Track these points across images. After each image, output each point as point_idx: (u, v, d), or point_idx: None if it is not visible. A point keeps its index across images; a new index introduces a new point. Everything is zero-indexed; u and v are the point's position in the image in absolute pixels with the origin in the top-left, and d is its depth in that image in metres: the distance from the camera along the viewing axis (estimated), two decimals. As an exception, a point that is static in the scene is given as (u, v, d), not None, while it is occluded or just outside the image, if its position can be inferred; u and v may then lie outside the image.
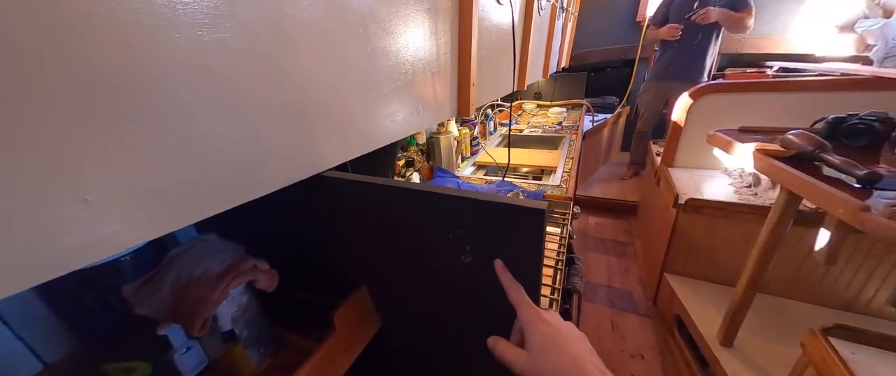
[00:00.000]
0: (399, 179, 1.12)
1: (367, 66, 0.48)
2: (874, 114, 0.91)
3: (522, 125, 2.14)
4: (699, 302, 1.36)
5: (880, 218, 0.60)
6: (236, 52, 0.29)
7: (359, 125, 0.49)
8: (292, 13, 0.34)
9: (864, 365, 0.66)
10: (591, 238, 2.30)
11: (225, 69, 0.28)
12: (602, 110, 3.09)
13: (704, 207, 1.36)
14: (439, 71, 0.70)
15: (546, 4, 1.69)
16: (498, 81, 1.20)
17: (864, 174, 0.71)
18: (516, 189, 1.12)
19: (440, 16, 0.65)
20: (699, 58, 2.18)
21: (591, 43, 3.24)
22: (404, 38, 0.56)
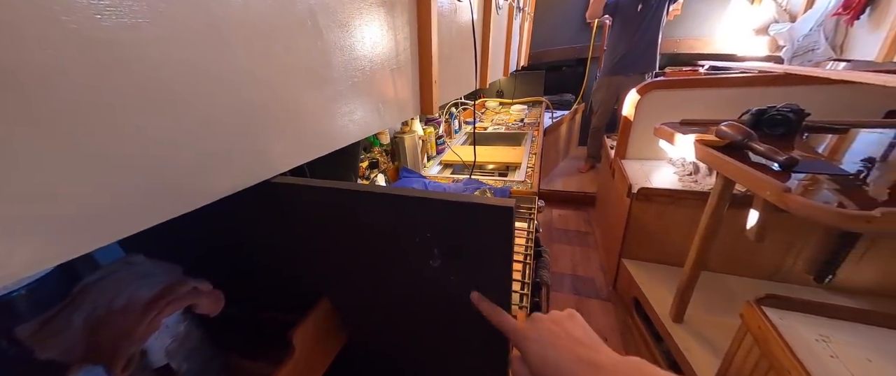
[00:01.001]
0: (363, 182, 1.07)
1: (319, 62, 0.45)
2: (788, 107, 1.04)
3: (486, 123, 2.17)
4: (653, 283, 1.47)
5: (799, 197, 0.68)
6: (153, 41, 0.24)
7: (313, 126, 0.46)
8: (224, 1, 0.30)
9: (790, 328, 0.75)
10: (556, 230, 2.40)
11: (140, 62, 0.24)
12: (560, 107, 3.23)
13: (654, 195, 1.47)
14: (399, 68, 0.68)
15: (503, 3, 1.72)
16: (460, 79, 1.20)
17: (784, 159, 0.81)
18: (483, 186, 1.12)
19: (397, 10, 0.63)
20: (650, 50, 2.35)
21: (546, 42, 3.37)
22: (359, 33, 0.53)
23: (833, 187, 0.74)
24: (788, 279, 1.35)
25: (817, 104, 1.30)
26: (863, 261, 1.20)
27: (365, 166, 1.09)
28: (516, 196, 1.07)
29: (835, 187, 0.74)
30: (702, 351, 1.14)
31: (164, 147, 0.26)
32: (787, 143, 1.04)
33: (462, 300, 0.38)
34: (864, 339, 0.72)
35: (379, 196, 0.34)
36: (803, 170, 0.79)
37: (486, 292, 0.37)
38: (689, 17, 2.90)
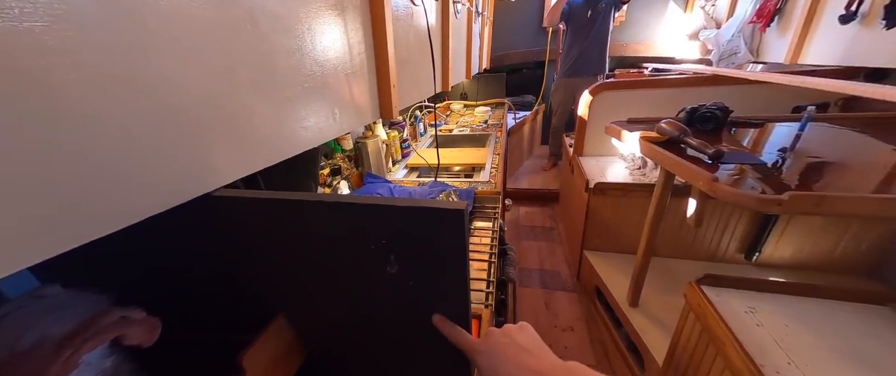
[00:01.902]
0: (325, 190, 1.04)
1: (263, 66, 0.43)
2: (716, 105, 1.16)
3: (451, 125, 2.19)
4: (612, 271, 1.57)
5: (725, 186, 0.77)
6: (50, 46, 0.22)
7: (259, 134, 0.44)
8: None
9: (725, 303, 0.84)
10: (523, 227, 2.48)
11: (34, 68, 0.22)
12: (522, 108, 3.36)
13: (609, 189, 1.57)
14: (354, 72, 0.67)
15: (462, 8, 1.76)
16: (421, 83, 1.21)
17: (713, 152, 0.90)
18: (448, 188, 1.13)
19: (348, 14, 0.62)
20: (600, 53, 2.52)
21: (507, 46, 3.48)
22: (308, 36, 0.52)
23: (754, 175, 0.84)
24: (725, 259, 1.50)
25: (740, 101, 1.46)
26: (782, 240, 1.36)
27: (326, 173, 1.06)
28: (481, 196, 1.09)
29: (756, 175, 0.84)
30: (656, 330, 1.23)
31: (70, 162, 0.24)
32: (717, 137, 1.17)
33: (422, 306, 0.39)
34: (783, 308, 0.83)
35: (328, 205, 0.34)
36: (729, 161, 0.89)
37: (444, 295, 0.37)
38: (633, 24, 3.14)
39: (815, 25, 1.56)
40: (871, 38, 1.30)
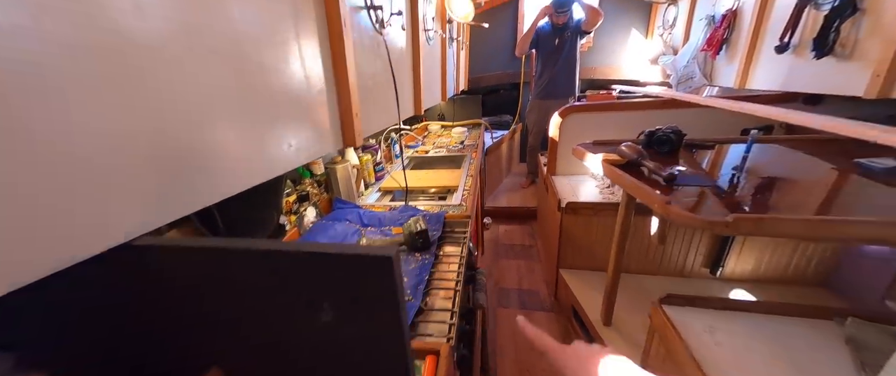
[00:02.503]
0: (290, 218, 1.02)
1: (210, 101, 0.43)
2: (671, 128, 1.23)
3: (428, 146, 2.21)
4: (586, 289, 1.58)
5: (677, 208, 0.80)
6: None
7: (207, 169, 0.43)
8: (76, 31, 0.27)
9: (685, 324, 0.85)
10: (502, 245, 2.49)
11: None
12: (499, 127, 3.44)
13: (580, 208, 1.60)
14: (313, 103, 0.67)
15: (434, 34, 1.82)
16: (391, 108, 1.22)
17: (666, 175, 0.94)
18: (418, 212, 1.13)
19: (305, 44, 0.63)
20: (569, 77, 2.64)
21: (484, 68, 3.61)
22: (259, 71, 0.52)
23: (707, 196, 0.88)
24: (692, 274, 1.55)
25: (696, 124, 1.56)
26: (742, 255, 1.42)
27: (293, 200, 1.04)
28: (451, 220, 1.09)
29: (707, 196, 0.88)
30: (629, 350, 1.24)
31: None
32: (674, 158, 1.23)
33: (357, 350, 0.38)
34: (740, 326, 0.85)
35: (256, 253, 0.33)
36: (681, 182, 0.94)
37: (379, 340, 0.36)
38: (601, 49, 3.34)
39: (757, 54, 1.71)
40: (804, 67, 1.43)
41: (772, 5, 1.61)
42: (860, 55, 1.20)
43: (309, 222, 1.05)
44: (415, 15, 1.37)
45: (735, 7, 1.84)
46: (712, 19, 2.02)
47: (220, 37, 0.45)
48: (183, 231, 0.72)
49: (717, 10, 1.99)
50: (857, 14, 1.21)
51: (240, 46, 0.48)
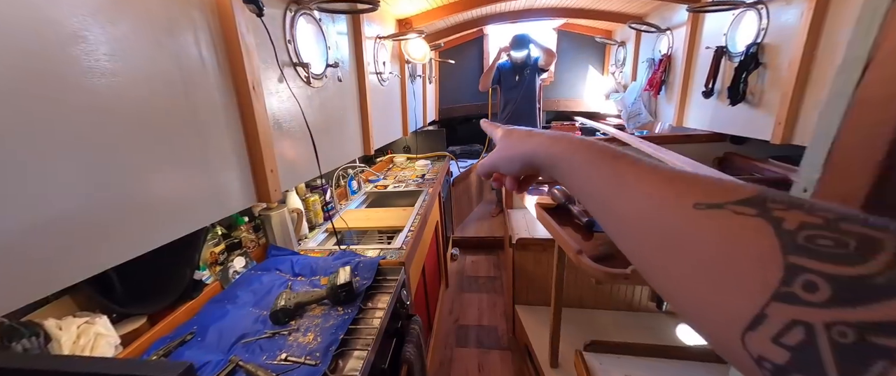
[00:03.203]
0: (214, 269, 0.99)
1: (98, 161, 0.43)
2: (601, 171, 1.29)
3: (389, 180, 2.23)
4: (538, 327, 1.57)
5: (584, 258, 0.83)
6: None
7: (91, 235, 0.42)
8: None
9: (605, 372, 0.86)
10: (467, 277, 2.47)
11: None
12: (470, 156, 3.52)
13: (530, 244, 1.63)
14: (214, 162, 0.67)
15: (390, 76, 1.89)
16: (334, 151, 1.24)
17: (585, 222, 0.98)
18: (354, 259, 1.12)
19: (198, 95, 0.64)
20: (530, 111, 2.76)
21: (455, 100, 3.76)
22: (127, 122, 0.51)
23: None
24: (640, 307, 1.57)
25: (634, 162, 1.64)
26: (681, 288, 1.46)
27: (219, 250, 1.01)
28: (385, 267, 1.09)
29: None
30: (573, 393, 1.23)
31: None
32: (607, 199, 1.28)
33: None
34: (656, 373, 0.87)
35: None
36: (598, 229, 0.98)
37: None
38: (563, 84, 3.54)
39: (689, 96, 1.85)
40: (726, 111, 1.55)
41: (697, 54, 1.76)
42: (765, 104, 1.32)
43: (235, 273, 1.03)
44: (360, 62, 1.43)
45: (669, 53, 2.00)
46: (652, 62, 2.18)
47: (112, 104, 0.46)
48: (76, 298, 0.69)
49: (655, 54, 2.16)
50: (759, 68, 1.33)
51: (116, 107, 0.49)
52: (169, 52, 0.56)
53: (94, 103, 0.44)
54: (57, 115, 0.40)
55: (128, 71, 0.49)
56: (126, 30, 0.49)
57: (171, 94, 0.56)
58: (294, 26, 0.92)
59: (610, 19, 2.55)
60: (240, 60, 0.68)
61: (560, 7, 2.55)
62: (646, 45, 2.41)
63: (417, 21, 2.02)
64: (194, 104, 0.62)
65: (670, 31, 1.99)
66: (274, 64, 0.83)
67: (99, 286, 0.70)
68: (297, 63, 0.93)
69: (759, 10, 1.33)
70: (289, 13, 0.91)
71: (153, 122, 0.54)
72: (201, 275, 0.91)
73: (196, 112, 0.62)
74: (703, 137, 1.80)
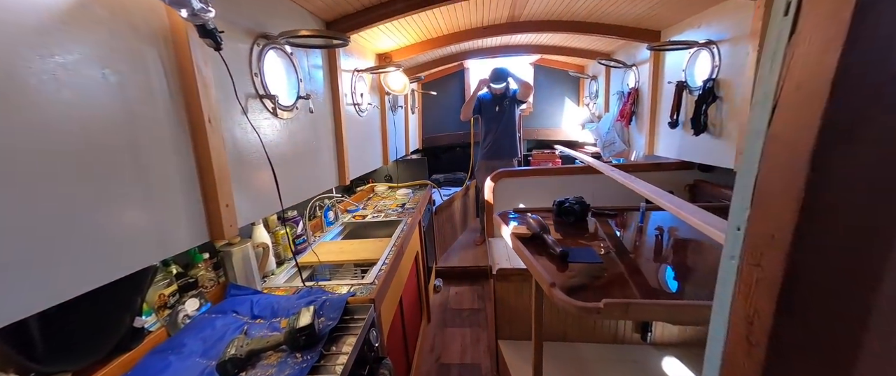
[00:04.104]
0: (164, 313, 0.91)
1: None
2: (576, 199, 1.30)
3: (369, 210, 2.18)
4: (523, 365, 1.49)
5: (557, 292, 0.80)
6: None
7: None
8: None
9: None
10: (451, 310, 2.37)
11: None
12: (453, 184, 3.52)
13: (511, 275, 1.59)
14: (159, 201, 0.63)
15: (368, 107, 1.91)
16: (302, 184, 1.21)
17: (560, 252, 0.97)
18: (321, 297, 1.05)
19: (149, 148, 0.61)
20: (510, 140, 2.82)
21: (439, 129, 3.84)
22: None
23: (591, 275, 0.90)
24: (625, 340, 1.52)
25: (608, 190, 1.67)
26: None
27: (169, 292, 0.93)
28: (354, 305, 1.02)
29: (593, 275, 0.90)
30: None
31: None
32: (582, 227, 1.28)
33: None
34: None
35: None
36: (573, 259, 0.96)
37: None
38: (542, 114, 3.68)
39: (657, 127, 1.93)
40: (691, 141, 1.62)
41: (661, 88, 1.87)
42: (726, 134, 1.38)
43: (186, 317, 0.94)
44: (336, 94, 1.44)
45: (636, 86, 2.12)
46: (622, 94, 2.30)
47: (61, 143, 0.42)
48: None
49: (624, 87, 2.28)
50: (717, 101, 1.41)
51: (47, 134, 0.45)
52: (112, 86, 0.53)
53: (14, 129, 0.41)
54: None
55: (57, 104, 0.46)
56: (64, 61, 0.47)
57: (108, 129, 0.53)
58: (261, 60, 0.92)
59: (581, 56, 2.71)
60: (195, 93, 0.66)
61: (534, 44, 2.71)
62: (615, 79, 2.55)
63: (397, 55, 2.09)
64: (136, 139, 0.59)
65: (635, 66, 2.12)
66: (234, 96, 0.82)
67: (12, 339, 0.62)
68: (263, 95, 0.93)
69: (711, 49, 1.44)
70: (256, 47, 0.91)
71: (85, 157, 0.50)
72: (143, 321, 0.82)
73: (138, 147, 0.59)
74: (673, 165, 1.86)
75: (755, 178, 0.23)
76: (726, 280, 0.26)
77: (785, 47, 0.21)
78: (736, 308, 0.25)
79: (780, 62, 0.21)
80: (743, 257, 0.25)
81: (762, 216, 0.23)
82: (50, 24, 0.46)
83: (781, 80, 0.21)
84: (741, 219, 0.25)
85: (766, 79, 0.22)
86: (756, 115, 0.23)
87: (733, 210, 0.26)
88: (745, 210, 0.24)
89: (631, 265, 0.98)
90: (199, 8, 0.58)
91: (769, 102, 0.22)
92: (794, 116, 0.20)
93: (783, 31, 0.21)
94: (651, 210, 1.30)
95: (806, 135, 0.19)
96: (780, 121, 0.21)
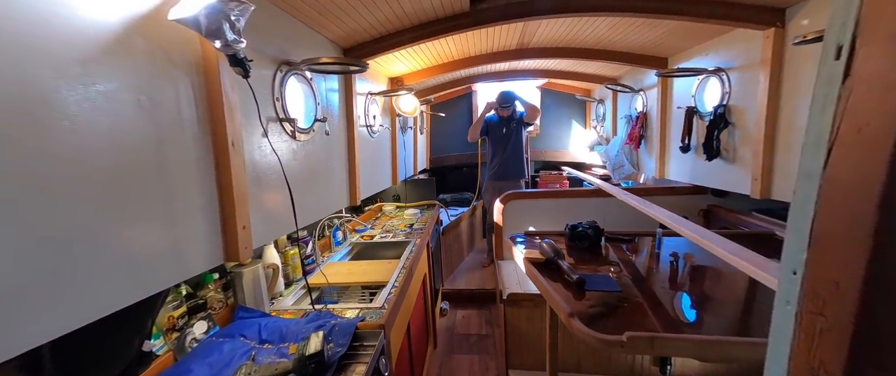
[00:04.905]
0: (173, 335, 0.89)
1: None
2: (589, 223, 1.28)
3: (377, 230, 2.18)
4: (534, 397, 1.42)
5: (577, 323, 0.77)
6: None
7: None
8: None
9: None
10: (457, 335, 2.30)
11: None
12: (460, 204, 3.51)
13: (522, 300, 1.54)
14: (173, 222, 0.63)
15: (379, 128, 1.95)
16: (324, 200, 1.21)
17: (576, 279, 0.94)
18: (330, 320, 1.03)
19: (182, 168, 0.62)
20: (517, 161, 2.83)
21: (447, 149, 3.89)
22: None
23: (611, 304, 0.87)
24: (643, 372, 1.45)
25: (621, 214, 1.65)
26: (684, 350, 1.37)
27: (178, 315, 0.92)
28: (363, 330, 1.00)
29: (612, 305, 0.87)
30: None
31: None
32: (596, 251, 1.25)
33: None
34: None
35: None
36: (590, 287, 0.93)
37: None
38: (549, 136, 3.72)
39: (667, 151, 1.93)
40: (704, 166, 1.61)
41: (670, 112, 1.88)
42: (740, 160, 1.37)
43: (194, 340, 0.92)
44: (350, 117, 1.47)
45: (644, 111, 2.14)
46: (630, 118, 2.32)
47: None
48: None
49: (631, 112, 2.30)
50: (729, 126, 1.41)
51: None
52: (144, 112, 0.55)
53: (54, 152, 0.42)
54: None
55: (95, 129, 0.48)
56: (105, 89, 0.49)
57: (140, 151, 0.54)
58: (283, 85, 0.95)
59: (587, 80, 2.76)
60: (221, 118, 0.68)
61: (540, 69, 2.77)
62: (622, 103, 2.58)
63: (408, 79, 2.15)
64: (165, 161, 0.60)
65: (643, 91, 2.15)
66: (257, 120, 0.84)
67: (24, 361, 0.61)
68: (283, 118, 0.95)
69: (721, 76, 1.45)
70: (280, 73, 0.94)
71: (115, 180, 0.51)
72: (152, 344, 0.81)
73: (166, 169, 0.60)
74: (686, 190, 1.83)
75: (812, 221, 0.23)
76: (783, 328, 0.25)
77: (839, 88, 0.21)
78: (796, 360, 0.24)
79: (833, 104, 0.21)
80: (801, 303, 0.23)
81: (822, 261, 0.22)
82: (91, 55, 0.48)
83: (837, 122, 0.21)
84: (797, 261, 0.24)
85: (817, 120, 0.22)
86: (808, 157, 0.23)
87: (787, 252, 0.25)
88: (803, 252, 0.24)
89: (649, 293, 0.94)
90: (233, 39, 0.61)
91: (823, 145, 0.22)
92: (855, 159, 0.20)
93: (835, 75, 0.21)
94: (666, 235, 1.27)
95: (872, 178, 0.19)
96: (839, 164, 0.21)
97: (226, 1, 0.57)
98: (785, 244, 0.26)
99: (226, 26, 0.58)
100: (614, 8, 1.25)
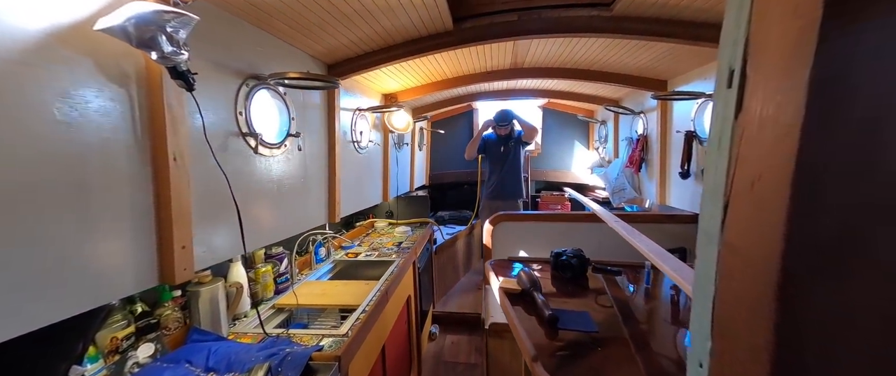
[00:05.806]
0: (112, 358, 0.84)
1: None
2: (573, 252, 1.19)
3: (364, 247, 2.12)
4: (514, 441, 1.30)
5: (539, 367, 0.69)
6: None
7: None
8: None
9: None
10: (445, 363, 2.17)
11: None
12: (458, 222, 3.43)
13: (505, 331, 1.44)
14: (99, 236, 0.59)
15: (368, 144, 1.93)
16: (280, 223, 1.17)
17: (548, 316, 0.85)
18: (284, 350, 0.96)
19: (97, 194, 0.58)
20: (515, 180, 2.77)
21: (447, 166, 3.85)
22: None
23: (582, 348, 0.78)
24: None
25: (613, 240, 1.54)
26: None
27: (122, 336, 0.87)
28: (318, 362, 0.92)
29: (584, 348, 0.78)
30: None
31: None
32: (581, 281, 1.16)
33: None
34: None
35: None
36: (563, 326, 0.84)
37: None
38: (551, 156, 3.65)
39: (667, 176, 1.83)
40: (703, 191, 1.51)
41: (670, 136, 1.80)
42: (740, 187, 1.27)
43: (136, 365, 0.86)
44: (332, 131, 1.45)
45: (645, 133, 2.06)
46: (631, 140, 2.24)
47: None
48: None
49: (632, 134, 2.22)
50: (728, 151, 1.32)
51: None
52: (67, 122, 0.53)
53: None
54: None
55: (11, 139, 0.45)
56: (12, 100, 0.46)
57: (56, 164, 0.51)
58: (249, 99, 0.94)
59: (588, 101, 2.71)
60: (163, 131, 0.66)
61: (541, 89, 2.74)
62: (624, 125, 2.51)
63: (403, 95, 2.15)
64: (88, 175, 0.57)
65: (643, 114, 2.08)
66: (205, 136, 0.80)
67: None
68: (246, 133, 0.93)
69: (718, 98, 1.38)
70: (245, 87, 0.93)
71: (23, 192, 0.48)
72: (83, 370, 0.76)
73: (88, 183, 0.57)
74: (688, 218, 1.72)
75: (713, 301, 0.16)
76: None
77: (732, 124, 0.15)
78: None
79: (727, 144, 0.15)
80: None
81: (729, 356, 0.16)
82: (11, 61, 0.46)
83: (732, 168, 0.15)
84: (703, 352, 0.17)
85: (714, 165, 0.16)
86: (706, 212, 0.16)
87: (693, 338, 0.18)
88: (707, 340, 0.17)
89: (637, 335, 0.84)
90: (170, 51, 0.58)
91: (720, 197, 0.15)
92: (750, 221, 0.14)
93: (728, 106, 0.15)
94: (656, 268, 1.17)
95: (769, 252, 0.13)
96: (735, 226, 0.15)
97: (161, 11, 0.55)
98: (691, 326, 0.19)
99: (161, 37, 0.56)
100: (602, 30, 1.21)
